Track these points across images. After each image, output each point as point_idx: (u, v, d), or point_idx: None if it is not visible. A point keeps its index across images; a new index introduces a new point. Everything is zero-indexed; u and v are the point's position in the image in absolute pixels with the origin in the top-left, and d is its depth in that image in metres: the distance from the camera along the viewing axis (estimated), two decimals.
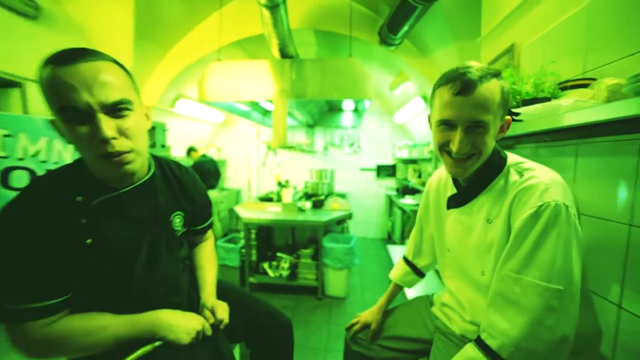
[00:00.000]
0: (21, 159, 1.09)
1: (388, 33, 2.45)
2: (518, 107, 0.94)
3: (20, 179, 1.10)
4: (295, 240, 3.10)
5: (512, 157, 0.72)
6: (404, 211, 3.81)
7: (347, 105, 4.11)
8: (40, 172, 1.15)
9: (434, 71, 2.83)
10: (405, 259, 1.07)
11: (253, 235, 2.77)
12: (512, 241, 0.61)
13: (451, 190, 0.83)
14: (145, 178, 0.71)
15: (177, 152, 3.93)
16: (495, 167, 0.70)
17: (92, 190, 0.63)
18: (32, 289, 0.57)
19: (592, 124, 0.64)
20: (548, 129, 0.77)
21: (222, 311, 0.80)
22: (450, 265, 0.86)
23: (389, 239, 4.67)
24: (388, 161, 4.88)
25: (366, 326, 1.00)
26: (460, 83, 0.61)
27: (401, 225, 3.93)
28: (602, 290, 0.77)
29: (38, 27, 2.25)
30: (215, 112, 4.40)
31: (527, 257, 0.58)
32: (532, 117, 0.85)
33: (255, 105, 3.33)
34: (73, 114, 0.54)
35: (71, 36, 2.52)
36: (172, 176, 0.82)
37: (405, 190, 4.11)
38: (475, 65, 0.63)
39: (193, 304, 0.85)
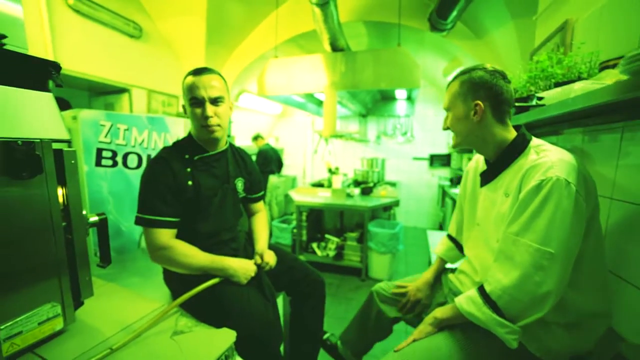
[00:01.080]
0: (133, 146, 1.50)
1: (438, 19, 2.41)
2: (551, 88, 0.96)
3: (133, 161, 1.51)
4: (343, 224, 3.30)
5: (535, 141, 0.82)
6: (455, 202, 3.69)
7: (400, 93, 4.08)
8: (144, 156, 1.55)
9: (490, 53, 2.68)
10: (449, 236, 1.17)
11: (304, 217, 3.05)
12: (516, 208, 0.72)
13: (481, 168, 0.95)
14: (224, 148, 1.10)
15: (240, 141, 4.45)
16: (518, 147, 0.81)
17: (195, 151, 1.02)
18: (157, 208, 0.94)
19: (600, 105, 0.65)
20: (561, 113, 0.79)
21: (269, 257, 1.08)
22: (475, 237, 0.96)
23: (440, 229, 4.55)
24: (442, 150, 4.70)
25: (416, 302, 1.09)
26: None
27: (452, 216, 3.81)
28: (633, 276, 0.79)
29: (140, 44, 2.83)
30: (274, 105, 4.79)
31: (527, 223, 0.69)
32: (552, 101, 0.87)
33: (310, 96, 3.56)
34: (196, 101, 0.96)
35: (162, 49, 3.08)
36: (238, 154, 1.19)
37: (460, 180, 3.94)
38: (462, 70, 0.85)
39: (248, 252, 1.12)
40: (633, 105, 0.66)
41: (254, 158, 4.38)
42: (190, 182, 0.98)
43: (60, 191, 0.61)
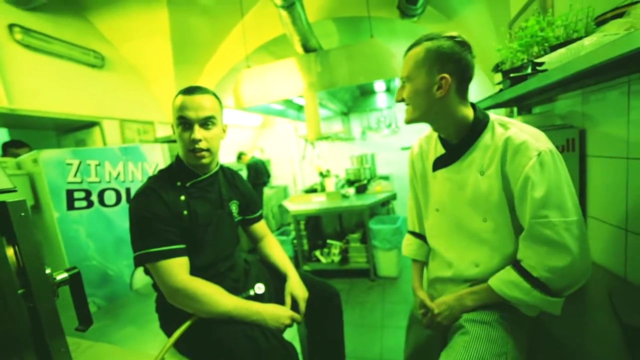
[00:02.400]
0: (108, 182, 1.37)
1: (407, 5, 2.38)
2: (545, 54, 0.89)
3: (110, 198, 1.38)
4: (343, 226, 3.21)
5: (493, 115, 0.79)
6: None
7: (379, 86, 4.05)
8: (122, 191, 1.42)
9: (464, 32, 2.61)
10: (412, 232, 1.05)
11: (302, 226, 2.95)
12: (524, 191, 0.68)
13: (438, 152, 0.87)
14: (215, 170, 1.01)
15: (224, 158, 4.32)
16: (479, 125, 0.77)
17: (186, 176, 0.94)
18: (162, 237, 0.84)
19: (617, 58, 0.58)
20: (568, 75, 0.72)
21: (301, 294, 1.00)
22: (438, 224, 0.89)
23: None
24: None
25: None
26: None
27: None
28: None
29: (104, 73, 2.68)
30: (253, 116, 4.69)
31: (544, 201, 0.65)
32: (556, 64, 0.80)
33: (289, 102, 3.48)
34: (184, 122, 0.88)
35: (128, 74, 2.94)
36: (230, 175, 1.11)
37: None
38: (426, 35, 0.75)
39: (248, 280, 1.02)
40: None
41: (244, 174, 4.31)
42: (185, 212, 0.89)
43: (11, 251, 0.50)
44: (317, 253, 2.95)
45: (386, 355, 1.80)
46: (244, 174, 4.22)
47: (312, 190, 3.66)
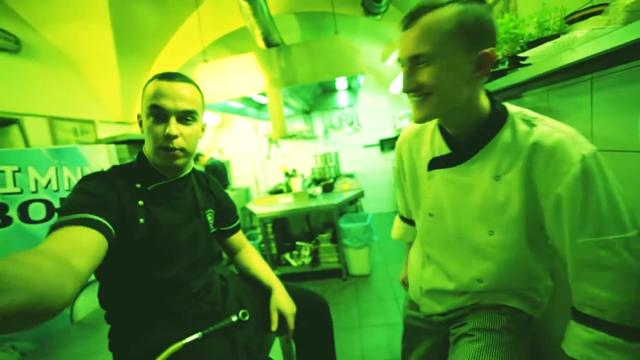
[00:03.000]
0: (35, 192, 1.11)
1: (372, 2, 2.36)
2: (523, 51, 0.90)
3: (38, 212, 1.12)
4: (312, 227, 3.13)
5: (511, 107, 0.66)
6: None
7: (341, 84, 4.04)
8: (55, 202, 1.17)
9: None
10: (402, 217, 1.03)
11: (269, 229, 2.81)
12: (571, 206, 0.54)
13: (437, 149, 0.74)
14: (187, 172, 0.85)
15: None
16: (497, 119, 0.63)
17: (149, 178, 0.77)
18: (82, 205, 0.62)
19: (614, 50, 0.58)
20: (562, 66, 0.73)
21: (289, 312, 0.89)
22: (433, 231, 0.78)
23: None
24: (390, 134, 4.82)
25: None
26: (404, 19, 0.57)
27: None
28: None
29: (22, 60, 2.24)
30: (211, 115, 4.38)
31: (596, 216, 0.53)
32: (542, 58, 0.81)
33: (248, 100, 3.30)
34: (158, 112, 0.71)
35: (57, 64, 2.51)
36: (204, 180, 0.96)
37: None
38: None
39: (227, 295, 0.88)
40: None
41: None
42: (141, 220, 0.72)
43: None
44: (287, 256, 2.84)
45: (368, 355, 1.76)
46: None
47: (278, 191, 3.52)
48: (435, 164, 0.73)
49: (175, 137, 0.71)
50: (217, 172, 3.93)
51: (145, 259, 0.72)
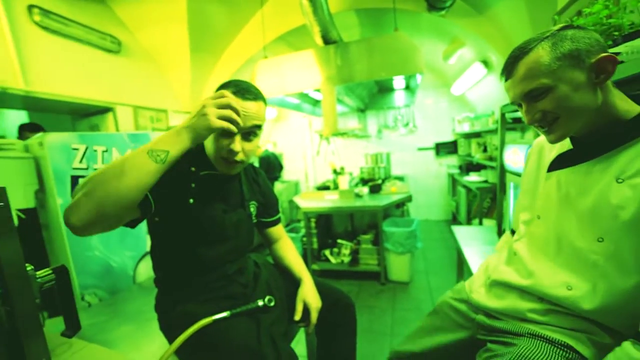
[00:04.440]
0: None
1: None
2: (615, 45, 0.77)
3: None
4: (355, 226, 3.11)
5: None
6: (469, 189, 3.50)
7: (398, 83, 3.90)
8: None
9: (495, 29, 2.49)
10: (513, 232, 0.98)
11: (313, 224, 2.87)
12: None
13: (560, 149, 0.73)
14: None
15: None
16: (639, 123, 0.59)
17: (203, 165, 0.82)
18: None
19: None
20: None
21: (314, 303, 0.92)
22: (535, 234, 0.76)
23: (454, 220, 4.36)
24: (447, 138, 4.51)
25: None
26: (503, 71, 0.66)
27: (467, 205, 3.62)
28: None
29: (120, 58, 2.65)
30: (268, 108, 4.61)
31: None
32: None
33: (304, 96, 3.39)
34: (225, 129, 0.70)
35: (143, 61, 2.91)
36: (252, 173, 1.02)
37: (469, 166, 3.76)
38: (522, 43, 0.63)
39: (258, 280, 0.94)
40: None
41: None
42: (192, 200, 0.79)
43: None
44: (327, 252, 2.87)
45: None
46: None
47: (325, 187, 3.57)
48: (556, 163, 0.73)
49: (237, 152, 0.76)
50: (271, 164, 4.15)
51: (190, 236, 0.80)
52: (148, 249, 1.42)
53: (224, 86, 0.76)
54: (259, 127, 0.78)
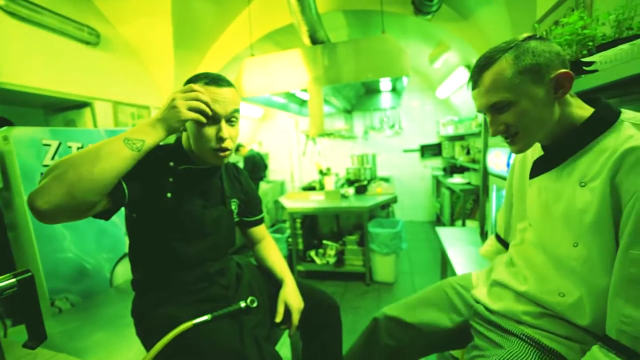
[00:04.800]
0: None
1: (423, 0, 2.26)
2: (590, 55, 0.79)
3: None
4: (340, 227, 3.11)
5: (630, 113, 0.61)
6: (452, 191, 3.58)
7: (385, 85, 3.94)
8: None
9: (478, 34, 2.55)
10: (498, 236, 1.01)
11: (298, 225, 2.84)
12: (630, 212, 0.51)
13: (535, 154, 0.75)
14: None
15: None
16: (599, 123, 0.60)
17: (182, 160, 0.81)
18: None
19: None
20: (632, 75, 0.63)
21: (296, 305, 0.90)
22: (527, 241, 0.78)
23: (438, 221, 4.45)
24: (432, 140, 4.60)
25: None
26: (469, 80, 0.67)
27: (450, 206, 3.70)
28: None
29: (99, 51, 2.53)
30: (254, 107, 4.56)
31: None
32: (613, 64, 0.71)
33: (291, 96, 3.36)
34: (210, 116, 0.73)
35: (125, 55, 2.79)
36: (234, 171, 1.00)
37: (453, 169, 3.84)
38: (487, 52, 0.64)
39: (240, 281, 0.91)
40: None
41: (241, 166, 4.15)
42: (169, 194, 0.78)
43: None
44: (312, 253, 2.85)
45: None
46: (240, 166, 4.10)
47: (311, 188, 3.55)
48: (534, 170, 0.75)
49: (227, 139, 0.76)
50: (256, 164, 4.09)
51: (168, 231, 0.78)
52: (126, 250, 1.36)
53: (194, 79, 0.76)
54: (237, 111, 0.79)
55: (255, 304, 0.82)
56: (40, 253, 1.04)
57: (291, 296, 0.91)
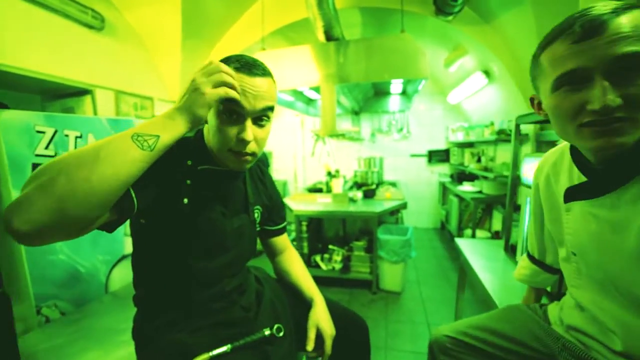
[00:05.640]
0: None
1: (447, 0, 2.16)
2: None
3: None
4: (347, 232, 3.00)
5: None
6: (461, 199, 3.48)
7: (395, 88, 3.84)
8: None
9: (500, 40, 2.45)
10: (531, 257, 0.90)
11: (304, 228, 2.73)
12: None
13: (573, 178, 0.63)
14: None
15: None
16: None
17: (201, 159, 0.69)
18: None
19: None
20: None
21: (329, 341, 0.78)
22: (579, 272, 0.65)
23: (442, 229, 4.35)
24: (440, 146, 4.50)
25: None
26: (580, 25, 0.46)
27: (458, 214, 3.60)
28: None
29: (103, 37, 2.40)
30: None
31: None
32: None
33: (299, 94, 3.26)
34: (232, 112, 0.61)
35: (131, 43, 2.66)
36: (258, 172, 0.87)
37: (462, 176, 3.74)
38: (600, 3, 0.46)
39: (261, 300, 0.80)
40: None
41: None
42: (186, 200, 0.65)
43: None
44: (318, 258, 2.74)
45: None
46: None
47: (317, 190, 3.43)
48: (572, 195, 0.62)
49: (250, 141, 0.62)
50: (259, 161, 3.97)
51: (183, 243, 0.66)
52: (125, 252, 1.24)
53: (223, 61, 0.62)
54: (271, 109, 0.64)
55: (281, 333, 0.70)
56: (27, 255, 0.92)
57: (323, 319, 0.79)
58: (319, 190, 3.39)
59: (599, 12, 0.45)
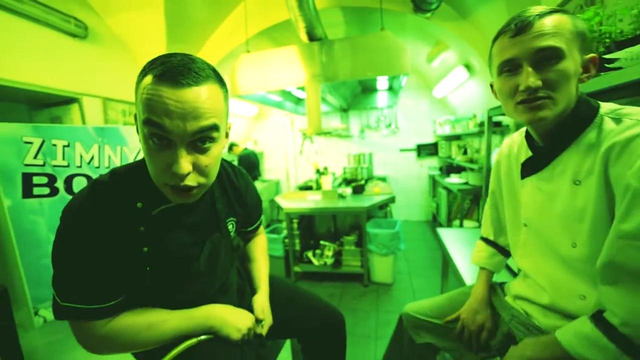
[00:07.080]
0: (79, 167, 1.17)
1: None
2: (609, 52, 0.76)
3: (80, 185, 1.18)
4: (338, 228, 3.07)
5: (607, 106, 0.60)
6: (449, 191, 3.57)
7: (382, 84, 3.91)
8: (95, 177, 1.22)
9: (478, 34, 2.53)
10: (486, 240, 0.97)
11: (295, 225, 2.79)
12: (627, 200, 0.50)
13: (525, 154, 0.73)
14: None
15: None
16: (582, 118, 0.60)
17: (153, 197, 0.60)
18: (88, 291, 0.57)
19: None
20: None
21: (268, 320, 0.81)
22: (526, 242, 0.75)
23: (434, 221, 4.45)
24: (429, 139, 4.59)
25: (480, 328, 0.84)
26: (514, 24, 0.59)
27: (447, 206, 3.69)
28: None
29: (87, 44, 2.42)
30: (249, 105, 4.47)
31: None
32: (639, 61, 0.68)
33: (287, 94, 3.30)
34: (158, 136, 0.50)
35: (115, 49, 2.69)
36: (228, 181, 0.80)
37: (450, 168, 3.83)
38: (532, 8, 0.60)
39: (244, 297, 0.85)
40: None
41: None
42: (145, 249, 0.60)
43: None
44: (309, 254, 2.80)
45: None
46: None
47: (307, 187, 3.50)
48: (524, 170, 0.73)
49: (186, 174, 0.51)
50: (250, 163, 4.02)
51: (158, 288, 0.65)
52: None
53: (147, 67, 0.52)
54: (213, 127, 0.52)
55: (264, 329, 0.76)
56: (23, 259, 0.97)
57: (259, 308, 0.81)
58: (309, 188, 3.45)
59: (529, 14, 0.58)
